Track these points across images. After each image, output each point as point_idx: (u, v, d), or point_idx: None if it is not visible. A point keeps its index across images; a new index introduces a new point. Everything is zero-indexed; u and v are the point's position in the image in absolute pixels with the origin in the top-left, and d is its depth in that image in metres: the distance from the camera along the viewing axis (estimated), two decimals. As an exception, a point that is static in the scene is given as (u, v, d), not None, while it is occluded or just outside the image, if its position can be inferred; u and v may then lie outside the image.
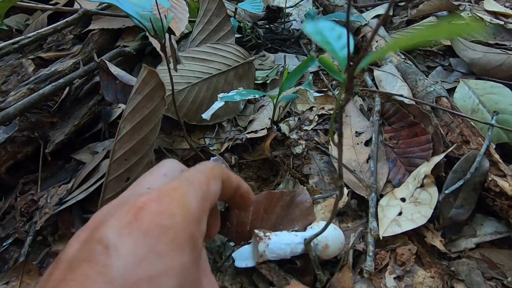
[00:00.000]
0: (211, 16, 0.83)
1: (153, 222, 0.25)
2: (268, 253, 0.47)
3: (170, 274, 0.23)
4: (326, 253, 0.48)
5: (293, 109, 0.80)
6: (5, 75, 0.77)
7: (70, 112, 0.77)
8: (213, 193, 0.31)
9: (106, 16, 0.91)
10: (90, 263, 0.23)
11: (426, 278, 0.49)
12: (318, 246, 0.48)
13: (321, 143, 0.71)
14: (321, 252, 0.48)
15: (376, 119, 0.70)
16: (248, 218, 0.55)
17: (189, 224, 0.26)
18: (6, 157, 0.68)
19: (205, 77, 0.76)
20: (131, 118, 0.56)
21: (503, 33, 0.95)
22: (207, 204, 0.29)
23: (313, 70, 0.90)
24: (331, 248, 0.48)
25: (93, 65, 0.76)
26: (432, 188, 0.57)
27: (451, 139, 0.63)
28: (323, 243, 0.48)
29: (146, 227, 0.24)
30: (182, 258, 0.24)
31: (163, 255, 0.24)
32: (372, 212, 0.57)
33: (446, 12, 1.09)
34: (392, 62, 0.82)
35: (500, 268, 0.52)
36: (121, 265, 0.22)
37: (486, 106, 0.68)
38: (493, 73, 0.80)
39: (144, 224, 0.24)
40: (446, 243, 0.55)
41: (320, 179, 0.65)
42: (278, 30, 1.12)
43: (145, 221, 0.25)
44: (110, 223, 0.25)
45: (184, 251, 0.25)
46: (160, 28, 0.48)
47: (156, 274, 0.23)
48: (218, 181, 0.33)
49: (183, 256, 0.25)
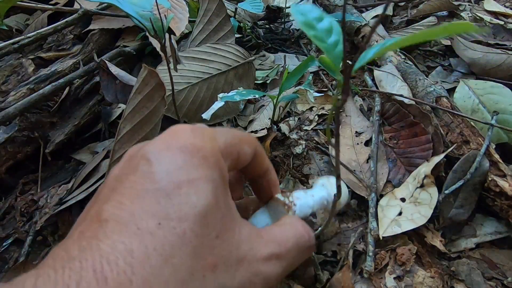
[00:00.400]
0: (211, 16, 0.83)
1: (187, 141, 0.28)
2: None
3: (205, 181, 0.27)
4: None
5: (293, 109, 0.80)
6: (5, 75, 0.77)
7: (70, 112, 0.77)
8: (243, 151, 0.34)
9: (106, 16, 0.91)
10: (136, 173, 0.27)
11: (426, 278, 0.49)
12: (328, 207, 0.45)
13: (321, 143, 0.71)
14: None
15: (376, 119, 0.70)
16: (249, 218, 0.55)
17: (216, 151, 0.29)
18: (6, 157, 0.68)
19: (205, 77, 0.76)
20: (131, 118, 0.56)
21: (503, 33, 0.95)
22: (234, 152, 0.33)
23: (313, 70, 0.90)
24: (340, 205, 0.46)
25: (93, 65, 0.76)
26: (432, 188, 0.57)
27: (451, 139, 0.63)
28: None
29: (181, 144, 0.28)
30: (212, 172, 0.28)
31: (197, 166, 0.27)
32: (372, 212, 0.57)
33: (446, 12, 1.09)
34: (392, 62, 0.82)
35: (500, 268, 0.52)
36: (164, 171, 0.27)
37: (486, 106, 0.68)
38: (493, 73, 0.80)
39: (180, 142, 0.28)
40: (446, 243, 0.55)
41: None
42: (278, 30, 1.12)
43: (180, 140, 0.29)
44: (150, 144, 0.29)
45: (214, 168, 0.28)
46: (160, 28, 0.48)
47: (194, 179, 0.27)
48: (251, 149, 0.35)
49: (213, 172, 0.28)
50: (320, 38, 0.27)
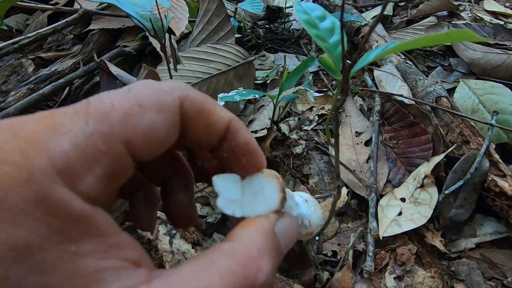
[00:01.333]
0: (211, 16, 0.83)
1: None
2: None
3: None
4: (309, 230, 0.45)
5: (293, 109, 0.80)
6: (5, 75, 0.77)
7: (70, 112, 0.77)
8: (141, 131, 0.19)
9: (106, 16, 0.91)
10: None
11: (426, 278, 0.49)
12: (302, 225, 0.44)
13: (321, 143, 0.71)
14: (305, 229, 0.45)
15: (376, 119, 0.70)
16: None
17: (34, 177, 0.16)
18: (6, 157, 0.68)
19: (205, 77, 0.76)
20: (131, 118, 0.56)
21: (503, 33, 0.95)
22: (109, 149, 0.18)
23: (313, 70, 0.90)
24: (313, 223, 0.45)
25: (93, 65, 0.76)
26: (432, 188, 0.57)
27: (451, 139, 0.63)
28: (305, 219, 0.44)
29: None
30: (16, 233, 0.16)
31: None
32: (372, 212, 0.57)
33: (446, 12, 1.09)
34: (392, 62, 0.82)
35: (500, 268, 0.52)
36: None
37: (486, 106, 0.68)
38: (493, 73, 0.80)
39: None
40: (446, 243, 0.55)
41: (320, 179, 0.65)
42: (278, 30, 1.12)
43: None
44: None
45: (19, 223, 0.16)
46: (160, 28, 0.48)
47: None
48: (165, 114, 0.20)
49: (18, 231, 0.16)
50: (322, 37, 0.27)
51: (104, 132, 0.18)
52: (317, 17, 0.28)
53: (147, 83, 0.21)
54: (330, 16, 0.29)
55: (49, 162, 0.17)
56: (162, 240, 0.48)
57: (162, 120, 0.20)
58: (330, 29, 0.27)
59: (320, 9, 0.29)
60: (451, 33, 0.20)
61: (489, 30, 0.96)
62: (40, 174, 0.17)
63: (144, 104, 0.20)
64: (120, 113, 0.19)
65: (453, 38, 0.20)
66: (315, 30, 0.27)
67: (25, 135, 0.17)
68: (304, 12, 0.28)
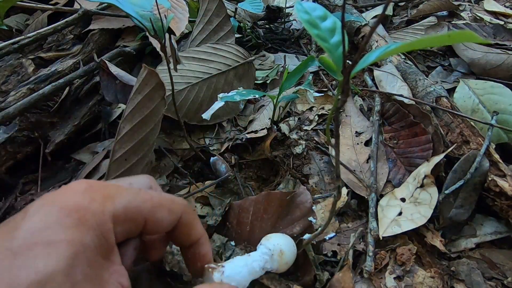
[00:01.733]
0: (211, 16, 0.83)
1: (73, 199, 0.28)
2: (226, 281, 0.42)
3: (67, 244, 0.25)
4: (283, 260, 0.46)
5: (293, 109, 0.80)
6: (5, 75, 0.77)
7: (70, 112, 0.77)
8: (155, 218, 0.32)
9: (106, 16, 0.91)
10: (7, 225, 0.27)
11: (426, 278, 0.49)
12: (273, 256, 0.46)
13: (321, 143, 0.71)
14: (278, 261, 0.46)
15: (376, 119, 0.70)
16: (248, 218, 0.55)
17: (103, 213, 0.28)
18: (6, 157, 0.68)
19: (205, 77, 0.76)
20: (131, 118, 0.56)
21: (503, 33, 0.95)
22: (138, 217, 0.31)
23: (313, 70, 0.90)
24: (286, 254, 0.46)
25: (93, 65, 0.76)
26: (432, 188, 0.57)
27: (451, 139, 0.63)
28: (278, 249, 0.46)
29: (65, 203, 0.27)
30: (84, 236, 0.27)
31: (68, 227, 0.26)
32: (372, 212, 0.57)
33: (446, 12, 1.09)
34: (392, 62, 0.82)
35: (500, 268, 0.52)
36: (28, 228, 0.25)
37: (486, 106, 0.68)
38: (493, 73, 0.80)
39: (66, 199, 0.28)
40: (446, 243, 0.55)
41: (320, 179, 0.65)
42: (278, 30, 1.12)
43: (67, 197, 0.28)
44: (43, 196, 0.28)
45: (89, 232, 0.27)
46: (160, 28, 0.48)
47: (55, 241, 0.25)
48: (172, 217, 0.34)
49: (86, 235, 0.27)
50: (323, 37, 0.27)
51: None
52: (318, 17, 0.28)
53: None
54: (331, 16, 0.29)
55: (111, 212, 0.29)
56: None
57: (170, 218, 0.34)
58: (331, 29, 0.27)
59: (322, 9, 0.29)
60: (453, 34, 0.20)
61: (489, 30, 0.96)
62: (105, 216, 0.29)
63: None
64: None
65: (454, 39, 0.20)
66: (316, 30, 0.27)
67: (100, 196, 0.30)
68: (305, 12, 0.28)
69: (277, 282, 0.48)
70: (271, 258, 0.46)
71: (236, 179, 0.66)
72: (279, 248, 0.46)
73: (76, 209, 0.27)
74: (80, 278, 0.25)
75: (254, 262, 0.44)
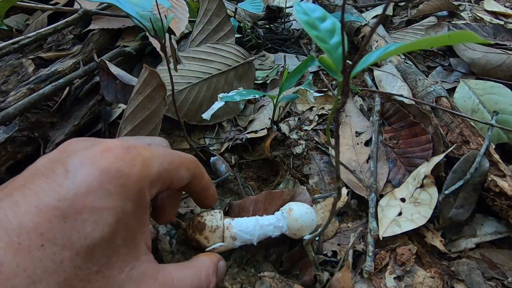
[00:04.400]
0: (211, 16, 0.83)
1: (115, 163, 0.28)
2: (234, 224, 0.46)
3: (110, 211, 0.27)
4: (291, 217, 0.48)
5: (293, 109, 0.80)
6: (5, 75, 0.77)
7: (70, 112, 0.77)
8: (179, 176, 0.34)
9: (106, 16, 0.91)
10: (49, 179, 0.26)
11: (426, 278, 0.49)
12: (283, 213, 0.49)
13: (321, 143, 0.71)
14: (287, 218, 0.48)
15: (376, 119, 0.70)
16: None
17: (142, 179, 0.29)
18: (6, 157, 0.68)
19: (205, 77, 0.76)
20: (132, 119, 0.56)
21: (503, 33, 0.95)
22: (167, 178, 0.33)
23: (313, 70, 0.90)
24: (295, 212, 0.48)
25: (93, 65, 0.76)
26: (432, 188, 0.57)
27: (451, 139, 0.63)
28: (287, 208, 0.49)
29: (106, 165, 0.28)
30: (125, 203, 0.28)
31: (111, 194, 0.27)
32: (372, 212, 0.57)
33: (446, 12, 1.09)
34: (392, 62, 0.82)
35: (500, 268, 0.52)
36: (73, 189, 0.26)
37: (486, 106, 0.68)
38: (493, 73, 0.80)
39: (107, 162, 0.28)
40: (446, 243, 0.55)
41: (320, 179, 0.66)
42: (278, 30, 1.12)
43: (108, 160, 0.28)
44: (79, 152, 0.28)
45: (129, 199, 0.28)
46: (160, 28, 0.48)
47: (99, 207, 0.26)
48: (189, 173, 0.36)
49: (127, 203, 0.28)
50: (322, 38, 0.27)
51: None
52: (317, 18, 0.28)
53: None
54: (330, 17, 0.29)
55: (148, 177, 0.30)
56: (162, 240, 0.48)
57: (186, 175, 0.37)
58: (331, 30, 0.27)
59: (321, 10, 0.29)
60: (453, 34, 0.20)
61: (489, 30, 0.96)
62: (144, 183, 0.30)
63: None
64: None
65: (454, 39, 0.20)
66: (315, 31, 0.27)
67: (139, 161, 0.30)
68: (304, 13, 0.28)
69: (277, 281, 0.48)
70: (281, 215, 0.49)
71: (236, 179, 0.66)
72: (289, 207, 0.49)
73: (118, 175, 0.27)
74: (120, 242, 0.27)
75: (265, 219, 0.48)
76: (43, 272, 0.23)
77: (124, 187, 0.28)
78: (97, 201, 0.26)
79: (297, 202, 0.51)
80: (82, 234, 0.25)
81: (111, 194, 0.27)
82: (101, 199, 0.26)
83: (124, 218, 0.27)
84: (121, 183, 0.27)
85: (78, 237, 0.25)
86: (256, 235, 0.47)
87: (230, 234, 0.45)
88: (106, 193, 0.27)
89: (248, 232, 0.46)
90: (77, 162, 0.27)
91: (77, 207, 0.25)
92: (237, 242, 0.46)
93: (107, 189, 0.27)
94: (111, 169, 0.27)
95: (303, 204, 0.50)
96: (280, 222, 0.48)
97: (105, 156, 0.28)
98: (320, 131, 0.74)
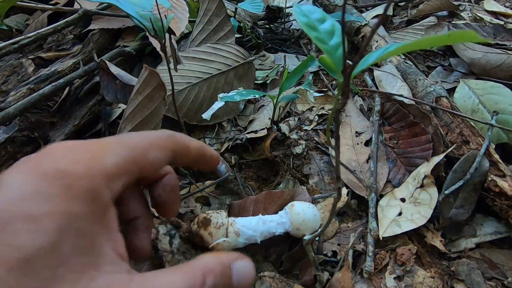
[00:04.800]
0: (211, 16, 0.83)
1: (54, 165, 0.25)
2: (237, 222, 0.46)
3: (52, 216, 0.23)
4: (293, 212, 0.49)
5: (293, 109, 0.80)
6: (5, 75, 0.77)
7: (70, 112, 0.77)
8: (150, 160, 0.30)
9: (106, 16, 0.91)
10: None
11: (426, 278, 0.49)
12: (286, 210, 0.50)
13: (321, 143, 0.71)
14: (289, 213, 0.49)
15: (376, 119, 0.70)
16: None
17: (92, 176, 0.26)
18: (6, 157, 0.68)
19: (205, 77, 0.76)
20: (132, 119, 0.56)
21: (503, 33, 0.95)
22: (133, 167, 0.29)
23: (313, 70, 0.90)
24: (297, 208, 0.49)
25: (93, 65, 0.76)
26: (432, 188, 0.57)
27: (451, 139, 0.63)
28: (289, 205, 0.50)
29: (45, 169, 0.25)
30: (72, 205, 0.24)
31: (52, 198, 0.24)
32: (372, 212, 0.57)
33: (446, 12, 1.09)
34: (392, 62, 0.82)
35: (500, 268, 0.52)
36: (4, 201, 0.23)
37: (486, 106, 0.68)
38: (493, 73, 0.80)
39: (46, 166, 0.25)
40: (446, 243, 0.55)
41: (320, 179, 0.66)
42: (278, 30, 1.12)
43: (47, 163, 0.25)
44: (20, 162, 0.26)
45: (78, 200, 0.25)
46: (160, 28, 0.48)
47: (38, 214, 0.23)
48: (165, 152, 0.32)
49: (74, 204, 0.24)
50: (322, 39, 0.27)
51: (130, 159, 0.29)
52: (317, 20, 0.28)
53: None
54: (329, 18, 0.29)
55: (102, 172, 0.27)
56: (162, 240, 0.48)
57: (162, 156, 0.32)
58: (330, 31, 0.27)
59: (320, 12, 0.29)
60: (453, 34, 0.20)
61: (489, 30, 0.96)
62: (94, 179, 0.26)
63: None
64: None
65: (454, 39, 0.20)
66: (315, 33, 0.27)
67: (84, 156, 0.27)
68: (304, 15, 0.28)
69: (277, 281, 0.48)
70: (284, 212, 0.50)
71: (236, 179, 0.66)
72: (291, 204, 0.50)
73: (59, 175, 0.24)
74: (70, 251, 0.23)
75: (267, 216, 0.48)
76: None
77: (69, 187, 0.24)
78: (34, 207, 0.23)
79: (299, 201, 0.52)
80: (14, 246, 0.21)
81: (53, 198, 0.24)
82: (39, 204, 0.23)
83: (73, 222, 0.24)
84: (64, 184, 0.24)
85: (8, 250, 0.21)
86: (259, 231, 0.47)
87: (233, 229, 0.46)
88: (46, 198, 0.23)
89: (251, 227, 0.46)
90: (15, 173, 0.24)
91: (8, 218, 0.22)
92: (241, 238, 0.46)
93: (48, 192, 0.24)
94: (50, 171, 0.24)
95: (305, 202, 0.51)
96: (283, 218, 0.48)
97: (45, 160, 0.25)
98: (320, 131, 0.74)
